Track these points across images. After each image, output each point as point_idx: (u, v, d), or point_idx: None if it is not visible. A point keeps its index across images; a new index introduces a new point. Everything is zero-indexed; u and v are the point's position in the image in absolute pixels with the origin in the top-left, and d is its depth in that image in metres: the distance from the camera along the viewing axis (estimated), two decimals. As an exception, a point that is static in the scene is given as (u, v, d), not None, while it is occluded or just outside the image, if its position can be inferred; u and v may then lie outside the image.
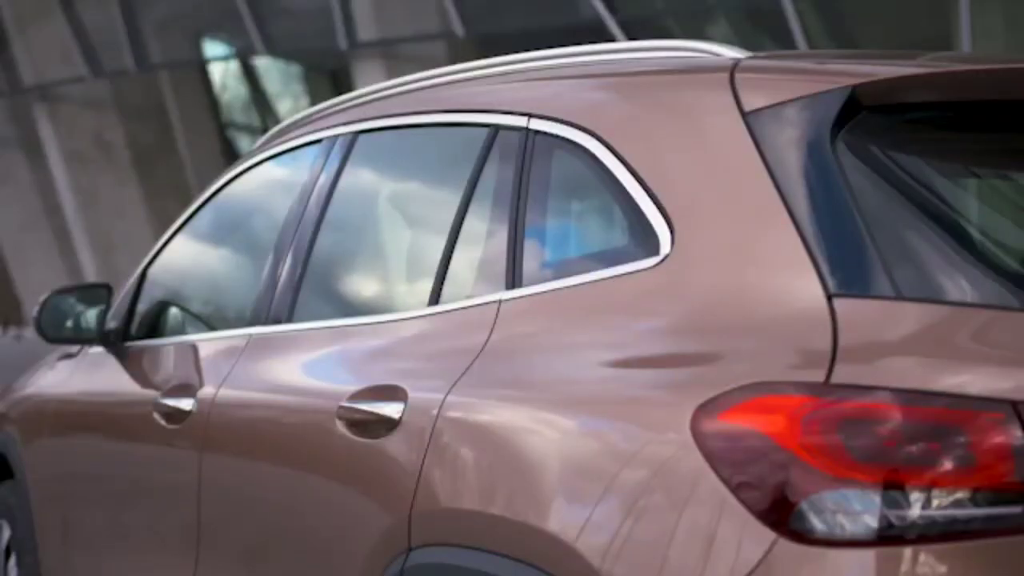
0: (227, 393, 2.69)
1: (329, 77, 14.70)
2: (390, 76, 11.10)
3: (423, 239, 2.53)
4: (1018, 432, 1.56)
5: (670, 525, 1.71)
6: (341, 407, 2.29)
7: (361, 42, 11.89)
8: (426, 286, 2.35)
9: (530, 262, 2.17)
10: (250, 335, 2.74)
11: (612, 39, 10.50)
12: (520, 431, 1.97)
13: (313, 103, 11.90)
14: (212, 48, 15.35)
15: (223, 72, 15.46)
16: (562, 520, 1.84)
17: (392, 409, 2.18)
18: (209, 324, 3.23)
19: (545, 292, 2.09)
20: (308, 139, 2.88)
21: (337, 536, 2.29)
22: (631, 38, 10.59)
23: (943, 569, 1.56)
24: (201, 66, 14.97)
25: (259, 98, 16.01)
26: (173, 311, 3.30)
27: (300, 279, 2.67)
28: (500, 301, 2.14)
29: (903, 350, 1.67)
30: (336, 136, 2.76)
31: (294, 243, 2.71)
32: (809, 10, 10.50)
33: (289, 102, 15.62)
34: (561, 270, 2.12)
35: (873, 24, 10.84)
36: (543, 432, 1.94)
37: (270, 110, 15.86)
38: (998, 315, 1.73)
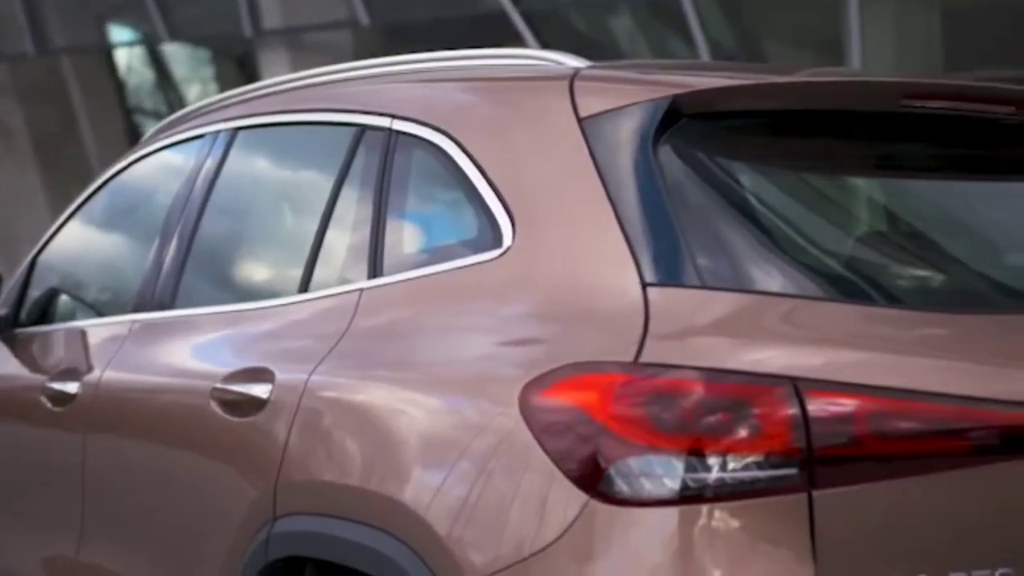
0: (111, 376, 2.83)
1: (236, 63, 14.69)
2: (295, 64, 11.17)
3: (294, 231, 2.69)
4: (797, 405, 1.78)
5: (505, 492, 1.90)
6: (215, 389, 2.46)
7: (266, 30, 11.95)
8: (296, 275, 2.52)
9: (390, 253, 2.35)
10: (134, 321, 2.89)
11: (515, 31, 10.68)
12: (377, 409, 2.15)
13: (222, 89, 11.91)
14: (116, 33, 15.24)
15: (128, 57, 15.36)
16: (412, 491, 2.02)
17: (261, 390, 2.35)
18: (97, 310, 3.36)
19: (402, 281, 2.28)
20: (192, 134, 3.03)
21: (211, 509, 2.46)
22: (534, 30, 10.79)
23: (735, 524, 1.77)
24: (105, 51, 14.87)
25: (166, 83, 15.91)
26: (63, 298, 3.43)
27: (182, 268, 2.83)
28: (362, 290, 2.33)
29: (706, 333, 1.88)
30: (217, 132, 2.92)
31: (177, 233, 2.87)
32: (707, 3, 10.76)
33: (197, 87, 15.55)
34: (417, 261, 2.31)
35: (769, 15, 11.14)
36: (397, 409, 2.13)
37: (177, 95, 15.78)
38: (796, 303, 1.94)
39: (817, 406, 1.79)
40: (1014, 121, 2.34)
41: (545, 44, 10.76)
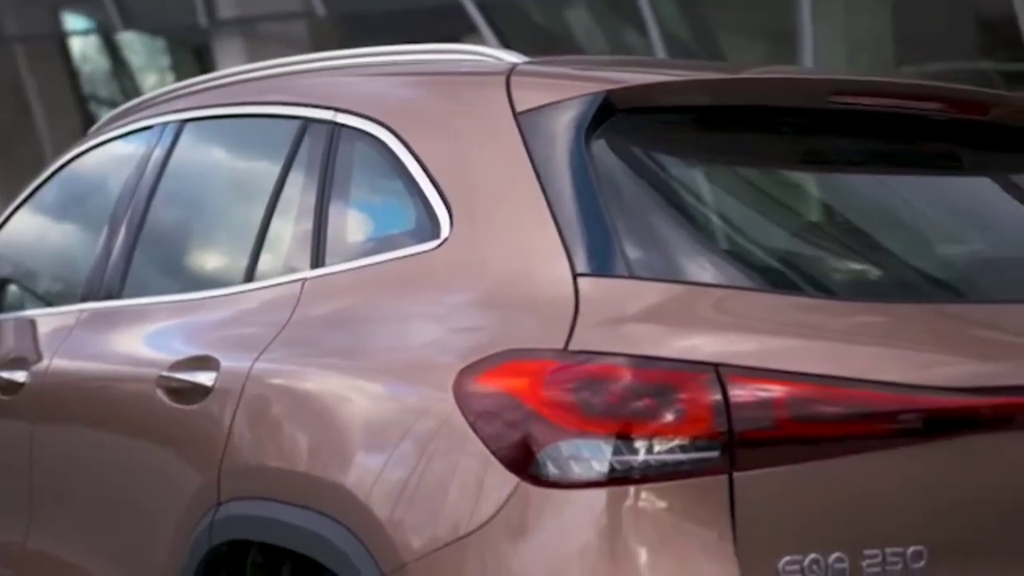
0: (58, 365, 2.87)
1: (192, 52, 14.64)
2: (250, 53, 11.15)
3: (240, 223, 2.73)
4: (719, 391, 1.85)
5: (441, 476, 1.96)
6: (161, 377, 2.50)
7: (222, 19, 11.93)
8: (242, 265, 2.57)
9: (332, 244, 2.40)
10: (82, 310, 2.93)
11: (471, 23, 10.71)
12: (318, 396, 2.21)
13: (178, 78, 11.86)
14: (71, 21, 15.13)
15: (83, 46, 15.26)
16: (352, 475, 2.07)
17: (206, 377, 2.40)
18: (46, 300, 3.39)
19: (344, 271, 2.33)
20: (140, 125, 3.07)
21: (158, 496, 2.50)
22: (490, 21, 10.83)
23: (660, 504, 1.84)
24: (60, 39, 14.76)
25: (121, 72, 15.81)
26: (12, 287, 3.45)
27: (130, 257, 2.87)
28: (305, 279, 2.38)
29: (634, 321, 1.94)
30: (165, 123, 2.95)
31: (125, 223, 2.91)
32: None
33: (153, 76, 15.47)
34: (358, 251, 2.36)
35: (723, 8, 11.23)
36: (338, 396, 2.18)
37: (133, 84, 15.68)
38: (725, 293, 2.01)
39: (738, 391, 1.86)
40: (943, 117, 2.43)
41: (501, 36, 10.81)
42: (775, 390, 1.87)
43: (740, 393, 1.86)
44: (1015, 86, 9.58)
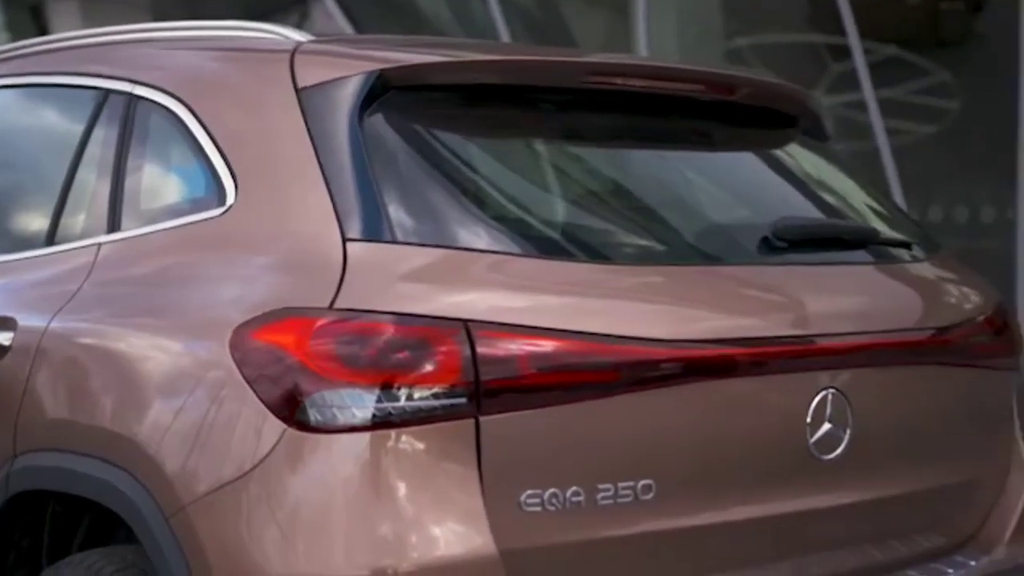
0: None
1: (30, 13, 14.30)
2: (84, 15, 10.99)
3: (44, 188, 2.84)
4: (467, 344, 2.06)
5: (218, 423, 2.13)
6: (-37, 337, 2.60)
7: (57, -21, 11.71)
8: (43, 229, 2.69)
9: (128, 210, 2.54)
10: None
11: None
12: (108, 352, 2.35)
13: (14, 38, 11.60)
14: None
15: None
16: (137, 426, 2.22)
17: (4, 337, 2.52)
18: None
19: (137, 236, 2.47)
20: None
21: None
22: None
23: (417, 446, 2.04)
24: None
25: (-45, 30, 15.35)
26: None
27: None
28: (100, 244, 2.51)
29: (398, 282, 2.13)
30: (-27, 91, 3.03)
31: None
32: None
33: (-11, 34, 15.07)
34: (152, 217, 2.50)
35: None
36: (127, 353, 2.32)
37: (-32, 42, 15.22)
38: (481, 257, 2.20)
39: (485, 345, 2.06)
40: (707, 98, 2.67)
41: (344, 4, 10.87)
42: (518, 343, 2.08)
43: (486, 346, 2.06)
44: (840, 59, 10.04)
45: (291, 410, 2.05)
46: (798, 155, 2.88)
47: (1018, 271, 9.18)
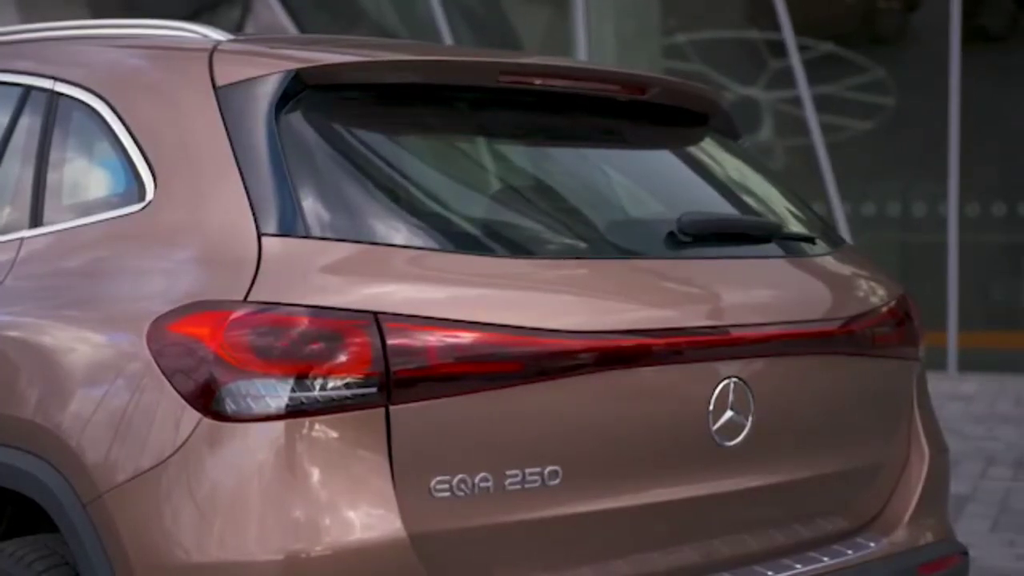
0: None
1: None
2: (21, 12, 10.91)
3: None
4: (377, 335, 2.13)
5: (137, 414, 2.18)
6: None
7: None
8: (-33, 225, 2.72)
9: (50, 206, 2.58)
10: None
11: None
12: (30, 344, 2.39)
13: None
14: None
15: None
16: (58, 418, 2.27)
17: (-71, 330, 2.55)
18: None
19: (59, 231, 2.52)
20: None
21: None
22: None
23: (332, 433, 2.11)
24: None
25: None
26: None
27: None
28: (23, 239, 2.55)
29: (311, 275, 2.19)
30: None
31: None
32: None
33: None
34: (73, 213, 2.55)
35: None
36: (50, 344, 2.37)
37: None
38: (394, 251, 2.27)
39: (395, 336, 2.13)
40: (621, 98, 2.75)
41: (287, 5, 10.88)
42: (428, 335, 2.16)
43: (396, 337, 2.14)
44: (777, 55, 10.20)
45: (207, 400, 2.11)
46: (710, 152, 2.98)
47: (949, 264, 9.39)
